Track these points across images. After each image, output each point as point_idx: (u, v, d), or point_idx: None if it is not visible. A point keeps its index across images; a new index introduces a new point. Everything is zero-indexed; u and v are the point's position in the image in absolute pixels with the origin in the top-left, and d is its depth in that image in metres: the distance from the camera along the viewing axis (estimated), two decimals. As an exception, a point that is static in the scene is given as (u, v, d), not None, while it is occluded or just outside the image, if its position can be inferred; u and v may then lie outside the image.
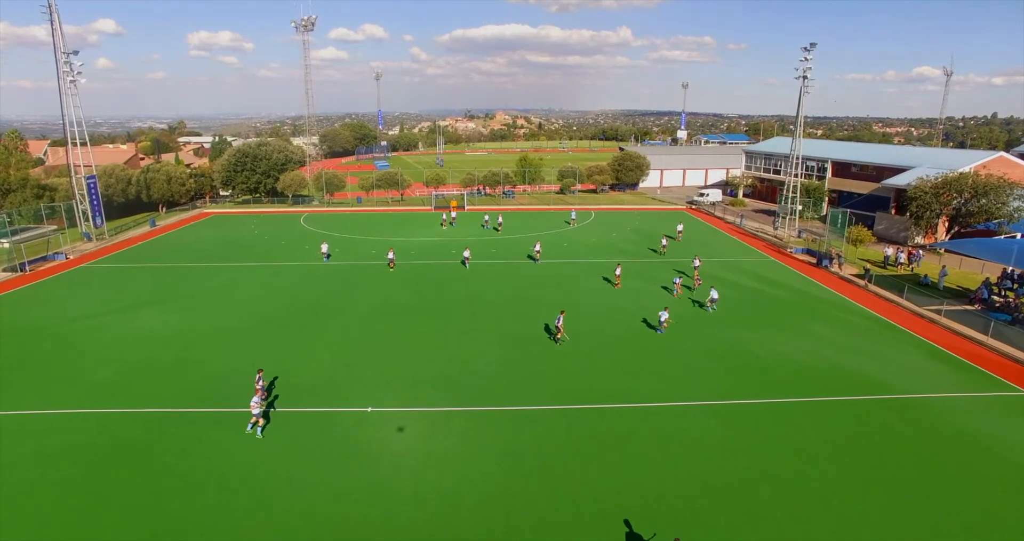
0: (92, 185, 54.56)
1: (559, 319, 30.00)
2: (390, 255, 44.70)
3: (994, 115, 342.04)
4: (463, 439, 21.73)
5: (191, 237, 58.50)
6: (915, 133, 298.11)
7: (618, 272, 40.38)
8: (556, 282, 41.40)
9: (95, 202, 54.92)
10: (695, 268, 41.54)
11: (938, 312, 33.76)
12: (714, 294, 35.03)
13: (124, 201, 68.54)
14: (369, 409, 23.85)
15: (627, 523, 17.25)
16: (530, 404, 24.19)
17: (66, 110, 51.50)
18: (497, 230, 59.38)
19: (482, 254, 49.68)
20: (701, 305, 36.20)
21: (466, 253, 45.51)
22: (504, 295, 38.50)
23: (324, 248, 47.61)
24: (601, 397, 24.73)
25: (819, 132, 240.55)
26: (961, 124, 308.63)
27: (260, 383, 23.42)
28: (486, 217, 64.51)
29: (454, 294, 38.49)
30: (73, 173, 53.93)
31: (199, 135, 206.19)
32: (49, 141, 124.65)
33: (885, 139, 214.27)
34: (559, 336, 29.92)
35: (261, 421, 21.84)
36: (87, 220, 54.92)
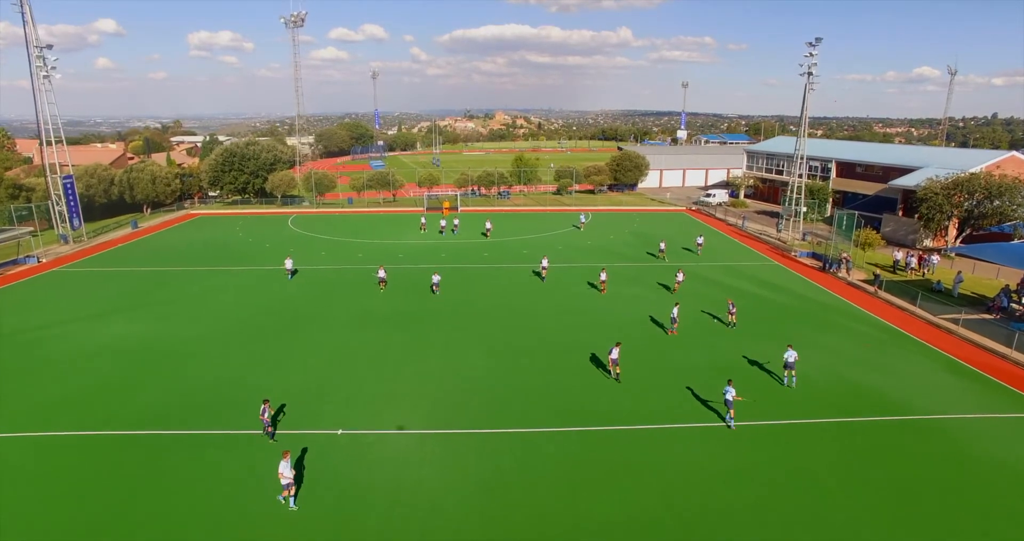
0: (68, 185, 52.47)
1: (613, 351, 25.23)
2: (380, 274, 38.70)
3: (994, 115, 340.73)
4: (439, 467, 19.65)
5: (173, 239, 56.41)
6: (915, 134, 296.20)
7: (603, 277, 37.96)
8: (549, 288, 39.31)
9: (72, 203, 52.82)
10: (677, 282, 38.08)
11: (955, 322, 31.68)
12: (675, 311, 30.56)
13: (107, 202, 66.51)
14: (339, 432, 21.78)
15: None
16: (515, 426, 22.11)
17: (40, 107, 49.48)
18: (485, 236, 55.44)
19: (474, 258, 47.67)
20: (714, 316, 34.16)
21: (435, 278, 37.92)
22: (492, 302, 36.41)
23: (288, 264, 41.81)
24: (593, 418, 22.65)
25: (819, 132, 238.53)
26: (961, 124, 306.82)
27: (266, 415, 20.83)
28: (442, 221, 58.63)
29: (440, 301, 36.37)
30: (48, 173, 51.85)
31: (194, 134, 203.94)
32: (62, 140, 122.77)
33: (886, 139, 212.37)
34: (616, 371, 25.44)
35: (293, 489, 17.50)
36: (64, 222, 52.84)
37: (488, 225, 56.51)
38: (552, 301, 36.56)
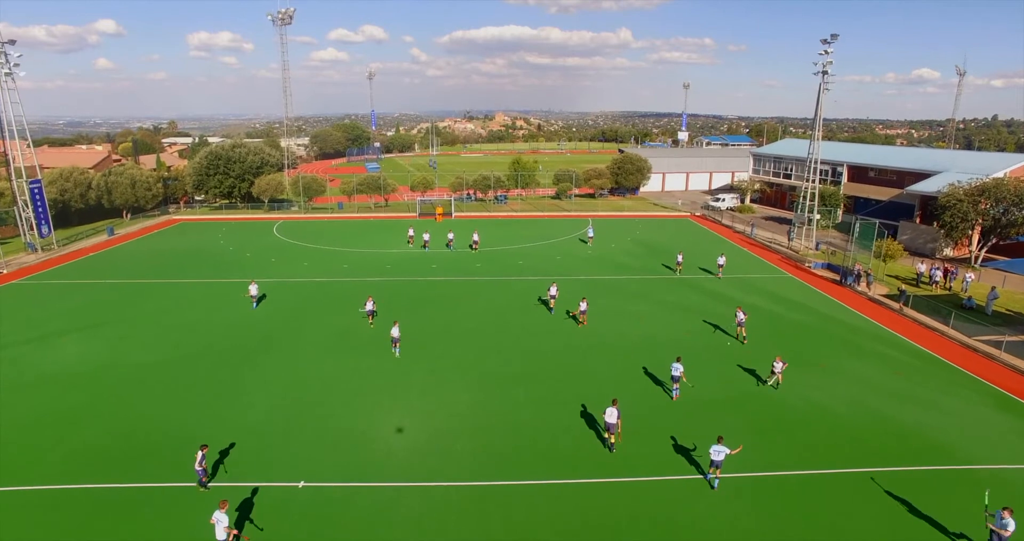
0: (36, 190, 49.37)
1: (611, 413, 19.92)
2: (369, 306, 32.09)
3: (994, 117, 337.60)
4: (413, 532, 16.55)
5: (149, 248, 53.26)
6: (916, 135, 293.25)
7: (583, 307, 32.11)
8: (548, 305, 36.10)
9: (40, 209, 49.72)
10: (739, 326, 30.21)
11: (996, 345, 28.57)
12: (676, 370, 23.97)
13: (83, 207, 63.27)
14: (300, 484, 18.68)
15: None
16: (504, 477, 19.01)
17: (3, 107, 46.43)
18: (472, 248, 50.34)
19: (466, 270, 44.56)
20: (733, 336, 31.06)
21: (394, 332, 28.35)
22: (484, 321, 33.28)
23: (253, 290, 35.63)
24: (593, 467, 19.53)
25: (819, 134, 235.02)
26: (962, 126, 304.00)
27: (201, 465, 17.80)
28: (425, 235, 51.69)
29: (426, 321, 33.20)
30: (13, 177, 48.72)
31: (188, 135, 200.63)
32: (27, 142, 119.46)
33: (888, 141, 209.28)
34: (612, 440, 20.39)
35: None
36: (32, 229, 49.74)
37: (475, 237, 51.00)
38: (549, 319, 33.46)
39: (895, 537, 16.35)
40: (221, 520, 15.08)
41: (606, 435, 20.52)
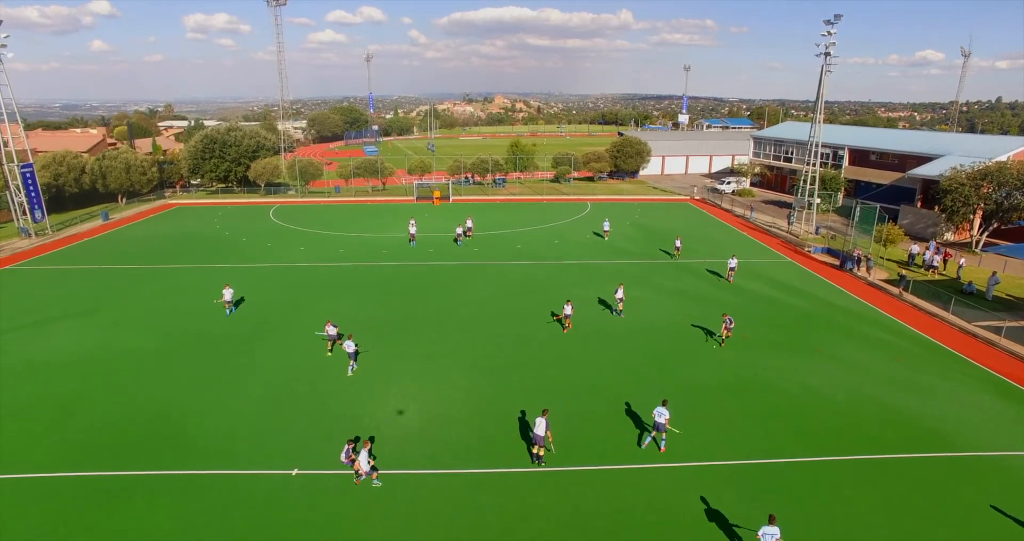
0: (28, 175, 48.80)
1: (540, 423, 18.61)
2: (330, 331, 26.87)
3: (998, 99, 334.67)
4: (406, 522, 16.44)
5: (144, 233, 52.84)
6: (919, 118, 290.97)
7: (568, 311, 29.10)
8: (545, 290, 35.81)
9: (32, 193, 49.20)
10: (726, 328, 27.57)
11: (996, 331, 28.34)
12: (661, 416, 19.52)
13: (78, 192, 62.66)
14: (295, 472, 18.55)
15: None
16: (499, 465, 18.88)
17: (-9, 90, 45.69)
18: (467, 236, 48.55)
19: (463, 254, 44.21)
20: (712, 334, 30.85)
21: (348, 347, 24.95)
22: (479, 308, 32.97)
23: (227, 295, 31.83)
24: (589, 454, 19.40)
25: (821, 117, 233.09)
26: (965, 109, 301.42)
27: (349, 456, 18.08)
28: (412, 229, 46.82)
29: (421, 306, 32.97)
30: (4, 161, 48.12)
31: (184, 119, 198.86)
32: (21, 125, 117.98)
33: (890, 124, 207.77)
34: (541, 453, 18.84)
35: (375, 474, 18.04)
36: (25, 214, 49.26)
37: (468, 223, 49.21)
38: (546, 305, 33.15)
39: (891, 525, 16.24)
40: (363, 457, 17.58)
41: (534, 448, 18.86)
